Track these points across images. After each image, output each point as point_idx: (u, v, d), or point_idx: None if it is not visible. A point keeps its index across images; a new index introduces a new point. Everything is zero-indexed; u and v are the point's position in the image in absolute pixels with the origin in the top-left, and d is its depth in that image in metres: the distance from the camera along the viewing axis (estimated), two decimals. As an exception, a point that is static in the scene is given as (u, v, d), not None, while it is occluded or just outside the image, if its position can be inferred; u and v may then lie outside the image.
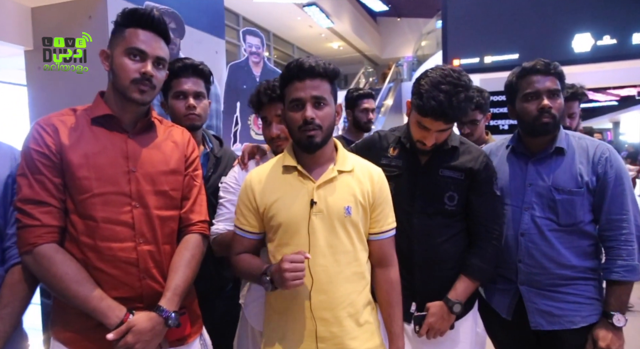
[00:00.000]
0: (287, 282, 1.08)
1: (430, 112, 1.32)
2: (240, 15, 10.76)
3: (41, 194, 1.12)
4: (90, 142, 1.17)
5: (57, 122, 1.17)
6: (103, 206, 1.15)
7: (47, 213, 1.12)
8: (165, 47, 1.24)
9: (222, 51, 3.94)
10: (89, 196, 1.14)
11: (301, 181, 1.23)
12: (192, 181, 1.35)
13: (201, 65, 1.65)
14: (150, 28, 1.19)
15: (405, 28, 16.53)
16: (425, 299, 1.43)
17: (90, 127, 1.19)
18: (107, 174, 1.16)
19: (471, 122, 2.26)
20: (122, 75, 1.17)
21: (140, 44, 1.17)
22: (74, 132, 1.17)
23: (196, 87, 1.61)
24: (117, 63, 1.18)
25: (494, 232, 1.47)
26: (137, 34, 1.18)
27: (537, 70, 1.46)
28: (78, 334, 1.16)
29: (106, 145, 1.19)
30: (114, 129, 1.21)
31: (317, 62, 1.19)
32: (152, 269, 1.21)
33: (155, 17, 1.20)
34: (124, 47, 1.17)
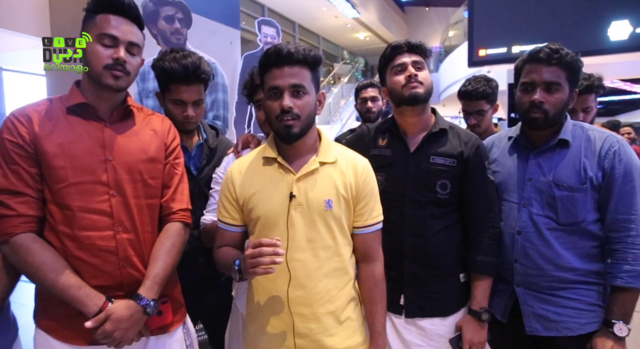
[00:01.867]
0: (249, 269, 1.03)
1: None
2: (265, 6, 10.74)
3: (16, 185, 1.13)
4: (66, 132, 1.17)
5: (32, 112, 1.17)
6: (79, 195, 1.15)
7: (24, 203, 1.13)
8: (138, 32, 1.22)
9: (237, 42, 3.93)
10: (64, 185, 1.14)
11: (281, 173, 1.20)
12: (173, 169, 1.34)
13: (200, 69, 1.55)
14: (121, 13, 1.17)
15: (433, 17, 16.10)
16: (414, 292, 1.39)
17: (65, 116, 1.19)
18: (82, 163, 1.16)
19: (477, 112, 2.15)
20: (94, 62, 1.16)
21: (112, 29, 1.16)
22: (48, 121, 1.17)
23: (196, 95, 1.57)
24: (89, 50, 1.16)
25: (490, 220, 1.40)
26: (109, 20, 1.16)
27: (538, 59, 1.35)
28: (59, 323, 1.18)
29: (82, 134, 1.18)
30: (89, 118, 1.21)
31: (297, 48, 1.14)
32: (132, 257, 1.21)
33: (126, 2, 1.18)
34: (95, 34, 1.16)
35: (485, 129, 2.17)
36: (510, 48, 6.67)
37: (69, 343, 1.17)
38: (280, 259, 1.01)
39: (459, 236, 1.43)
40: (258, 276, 1.20)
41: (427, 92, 1.40)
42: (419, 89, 1.38)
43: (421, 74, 1.39)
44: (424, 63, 1.41)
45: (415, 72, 1.38)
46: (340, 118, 12.74)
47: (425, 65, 1.42)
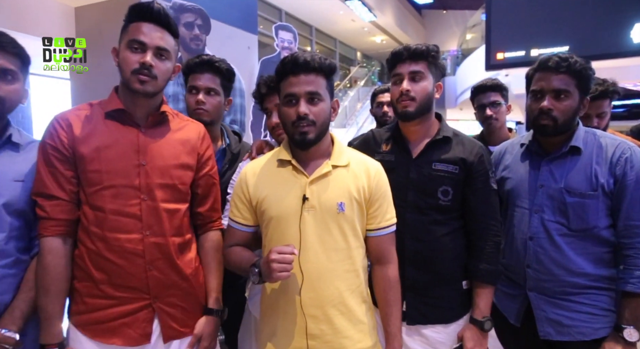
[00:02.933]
0: (274, 273, 1.08)
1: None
2: (282, 10, 10.85)
3: (51, 188, 1.18)
4: (103, 136, 1.21)
5: (72, 117, 1.22)
6: (112, 198, 1.19)
7: (56, 206, 1.18)
8: (169, 38, 1.24)
9: (254, 46, 4.00)
10: (99, 188, 1.19)
11: (295, 176, 1.23)
12: (212, 179, 1.40)
13: (219, 61, 1.66)
14: (151, 20, 1.21)
15: (451, 20, 16.00)
16: (415, 298, 1.39)
17: (104, 121, 1.23)
18: (117, 167, 1.20)
19: (492, 104, 2.16)
20: (124, 67, 1.20)
21: (140, 35, 1.19)
22: (87, 125, 1.21)
23: (209, 83, 1.64)
24: (121, 57, 1.21)
25: (492, 228, 1.40)
26: (139, 27, 1.20)
27: (547, 67, 1.36)
28: (94, 321, 1.22)
29: (118, 139, 1.22)
30: (126, 123, 1.25)
31: (313, 56, 1.18)
32: (159, 261, 1.24)
33: (155, 8, 1.21)
34: (126, 41, 1.21)
35: (501, 125, 2.18)
36: (529, 51, 6.58)
37: (101, 341, 1.21)
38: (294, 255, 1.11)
39: (461, 243, 1.43)
40: None
41: (420, 108, 1.37)
42: (409, 107, 1.37)
43: (416, 87, 1.37)
44: (423, 73, 1.37)
45: (407, 87, 1.37)
46: (356, 121, 12.74)
47: (425, 74, 1.38)
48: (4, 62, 1.19)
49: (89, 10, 3.28)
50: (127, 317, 1.21)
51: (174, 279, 1.28)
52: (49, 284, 1.16)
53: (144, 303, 1.23)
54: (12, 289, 1.19)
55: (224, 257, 1.35)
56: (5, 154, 1.24)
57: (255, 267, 1.17)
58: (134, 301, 1.22)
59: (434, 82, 1.41)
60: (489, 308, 1.39)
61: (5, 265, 1.18)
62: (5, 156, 1.23)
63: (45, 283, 1.16)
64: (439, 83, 1.44)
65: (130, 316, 1.22)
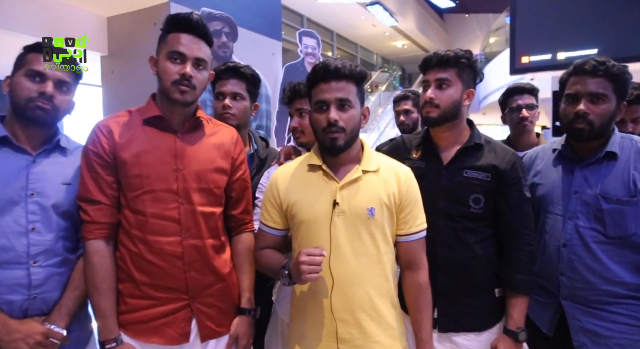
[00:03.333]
0: (304, 275, 1.09)
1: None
2: (304, 16, 10.94)
3: (94, 193, 1.23)
4: (142, 142, 1.26)
5: (113, 124, 1.27)
6: (152, 203, 1.24)
7: (98, 210, 1.24)
8: (206, 48, 1.28)
9: (278, 53, 4.05)
10: (140, 193, 1.24)
11: (325, 181, 1.24)
12: (245, 183, 1.44)
13: (244, 68, 1.71)
14: (190, 31, 1.25)
15: (473, 24, 15.82)
16: (447, 305, 1.38)
17: (142, 127, 1.28)
18: (156, 172, 1.25)
19: (529, 106, 2.16)
20: (164, 78, 1.25)
21: (180, 47, 1.23)
22: (127, 132, 1.26)
23: (235, 88, 1.69)
24: (160, 67, 1.26)
25: (526, 238, 1.37)
26: (178, 38, 1.24)
27: (583, 71, 1.34)
28: (136, 321, 1.26)
29: (156, 144, 1.27)
30: (164, 129, 1.29)
31: (344, 63, 1.19)
32: (196, 262, 1.29)
33: (194, 20, 1.25)
34: (166, 52, 1.25)
35: (532, 129, 2.17)
36: (555, 54, 6.42)
37: (142, 340, 1.25)
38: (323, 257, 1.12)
39: (493, 250, 1.41)
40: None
41: (444, 114, 1.38)
42: (432, 113, 1.38)
43: (441, 95, 1.37)
44: (450, 80, 1.37)
45: (430, 95, 1.38)
46: (377, 126, 12.71)
47: (453, 81, 1.38)
48: (62, 74, 1.27)
49: (120, 19, 3.39)
50: (167, 317, 1.25)
51: (211, 280, 1.32)
52: (99, 282, 1.21)
53: (183, 303, 1.27)
54: (60, 287, 1.25)
55: (255, 260, 1.38)
56: (55, 158, 1.30)
57: (285, 269, 1.19)
58: (173, 301, 1.26)
59: (462, 88, 1.40)
60: (523, 319, 1.36)
61: (54, 264, 1.23)
62: (54, 161, 1.30)
63: (95, 282, 1.21)
64: (470, 90, 1.42)
65: (169, 316, 1.26)
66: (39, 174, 1.25)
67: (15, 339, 1.13)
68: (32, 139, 1.28)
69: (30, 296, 1.19)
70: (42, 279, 1.21)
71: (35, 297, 1.20)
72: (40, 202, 1.23)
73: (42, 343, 1.16)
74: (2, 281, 1.16)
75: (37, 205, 1.22)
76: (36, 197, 1.22)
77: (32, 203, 1.22)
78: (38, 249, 1.21)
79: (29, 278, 1.19)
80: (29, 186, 1.22)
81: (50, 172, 1.27)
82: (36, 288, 1.20)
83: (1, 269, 1.16)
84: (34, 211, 1.22)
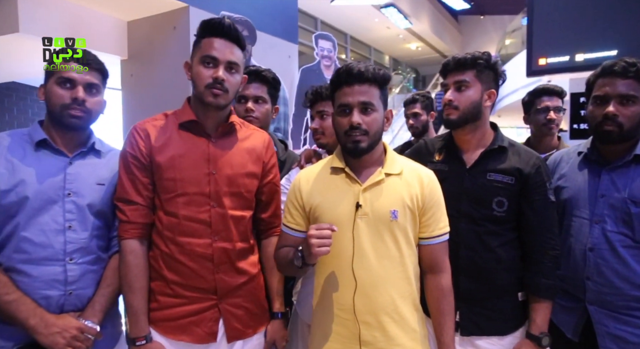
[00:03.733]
0: (313, 249, 1.08)
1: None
2: (318, 19, 10.98)
3: (130, 194, 1.27)
4: (177, 146, 1.29)
5: (150, 127, 1.31)
6: (185, 205, 1.27)
7: (134, 211, 1.27)
8: (238, 52, 1.30)
9: (294, 55, 4.07)
10: (173, 195, 1.27)
11: (348, 183, 1.24)
12: (275, 187, 1.46)
13: (265, 71, 1.73)
14: (222, 35, 1.27)
15: (488, 26, 15.68)
16: (470, 309, 1.37)
17: (178, 131, 1.31)
18: (190, 175, 1.27)
19: (557, 108, 2.14)
20: (198, 82, 1.27)
21: (213, 51, 1.25)
22: (163, 135, 1.29)
23: (257, 91, 1.71)
24: (194, 72, 1.28)
25: (550, 242, 1.36)
26: (211, 43, 1.26)
27: (612, 72, 1.32)
28: (167, 318, 1.28)
29: (190, 148, 1.29)
30: (198, 133, 1.32)
31: (367, 67, 1.19)
32: (225, 264, 1.31)
33: (226, 24, 1.27)
34: (199, 56, 1.27)
35: (556, 132, 2.16)
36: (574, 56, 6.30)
37: (171, 338, 1.28)
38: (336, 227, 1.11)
39: (517, 254, 1.39)
40: (324, 283, 1.26)
41: (464, 116, 1.38)
42: (452, 115, 1.39)
43: (460, 97, 1.38)
44: (469, 82, 1.37)
45: (449, 97, 1.38)
46: (391, 129, 12.65)
47: (472, 83, 1.38)
48: (90, 77, 1.31)
49: (140, 24, 3.45)
50: (195, 316, 1.28)
51: (239, 282, 1.34)
52: (133, 281, 1.25)
53: (211, 303, 1.30)
54: (93, 284, 1.29)
55: (275, 258, 1.38)
56: (90, 160, 1.35)
57: (299, 250, 1.18)
58: (201, 301, 1.29)
59: (482, 89, 1.39)
60: (546, 324, 1.35)
61: (88, 261, 1.28)
62: (89, 162, 1.35)
63: (129, 280, 1.25)
64: (492, 90, 1.41)
65: (198, 315, 1.28)
66: (75, 174, 1.29)
67: (53, 333, 1.17)
68: (69, 142, 1.33)
69: (66, 292, 1.23)
70: (78, 276, 1.25)
71: (70, 293, 1.24)
72: (77, 201, 1.27)
73: (77, 337, 1.20)
74: (40, 277, 1.20)
75: (73, 204, 1.27)
76: (73, 197, 1.27)
77: (69, 202, 1.26)
78: (74, 246, 1.25)
79: (65, 274, 1.23)
80: (66, 186, 1.27)
81: (85, 173, 1.32)
82: (72, 284, 1.24)
83: (39, 266, 1.21)
84: (71, 210, 1.26)
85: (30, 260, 1.20)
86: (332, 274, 1.24)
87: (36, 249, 1.20)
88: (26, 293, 1.18)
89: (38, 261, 1.21)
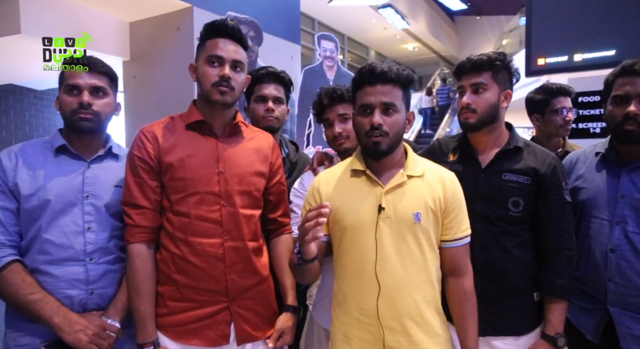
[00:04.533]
0: (305, 238, 1.05)
1: None
2: (315, 20, 10.97)
3: (137, 197, 1.27)
4: (186, 146, 1.29)
5: (157, 129, 1.31)
6: (195, 205, 1.27)
7: (141, 215, 1.27)
8: (242, 51, 1.32)
9: (297, 56, 4.07)
10: (184, 195, 1.27)
11: (369, 186, 1.22)
12: (282, 187, 1.45)
13: (282, 72, 1.75)
14: (226, 35, 1.28)
15: (485, 26, 15.74)
16: (485, 309, 1.35)
17: (185, 132, 1.31)
18: (200, 175, 1.27)
19: (572, 110, 2.11)
20: (204, 81, 1.28)
21: (218, 50, 1.27)
22: (171, 137, 1.30)
23: (276, 92, 1.71)
24: (200, 72, 1.29)
25: (565, 242, 1.35)
26: (216, 43, 1.28)
27: (632, 71, 1.32)
28: (176, 323, 1.27)
29: (199, 148, 1.30)
30: (206, 133, 1.32)
31: (390, 67, 1.17)
32: (237, 264, 1.30)
33: (229, 25, 1.28)
34: (205, 57, 1.28)
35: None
36: (572, 56, 6.34)
37: (182, 343, 1.26)
38: (326, 209, 1.02)
39: (532, 254, 1.39)
40: (345, 288, 1.24)
41: (482, 119, 1.37)
42: (470, 119, 1.38)
43: (478, 100, 1.36)
44: (486, 84, 1.36)
45: (467, 101, 1.37)
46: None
47: (489, 85, 1.37)
48: (95, 81, 1.33)
49: (143, 24, 3.42)
50: (207, 319, 1.27)
51: (250, 283, 1.33)
52: (140, 285, 1.25)
53: (222, 306, 1.29)
54: (114, 284, 1.32)
55: (289, 263, 1.35)
56: (107, 163, 1.39)
57: (296, 248, 1.15)
58: (213, 303, 1.28)
59: (499, 91, 1.38)
60: (562, 324, 1.34)
61: (108, 261, 1.31)
62: (106, 165, 1.39)
63: (135, 284, 1.25)
64: (508, 91, 1.40)
65: (209, 318, 1.27)
66: (93, 178, 1.33)
67: (76, 331, 1.20)
68: (87, 147, 1.37)
69: (88, 291, 1.27)
70: (98, 276, 1.28)
71: (92, 292, 1.28)
72: (95, 203, 1.31)
73: (100, 335, 1.23)
74: (63, 277, 1.24)
75: (92, 206, 1.30)
76: (91, 199, 1.31)
77: (88, 205, 1.30)
78: (93, 247, 1.28)
79: (87, 274, 1.27)
80: (85, 188, 1.31)
81: (102, 176, 1.35)
82: (93, 284, 1.27)
83: (62, 266, 1.25)
84: (89, 212, 1.30)
85: (52, 261, 1.24)
86: (354, 279, 1.22)
87: (58, 251, 1.24)
88: (50, 292, 1.22)
89: (60, 261, 1.24)
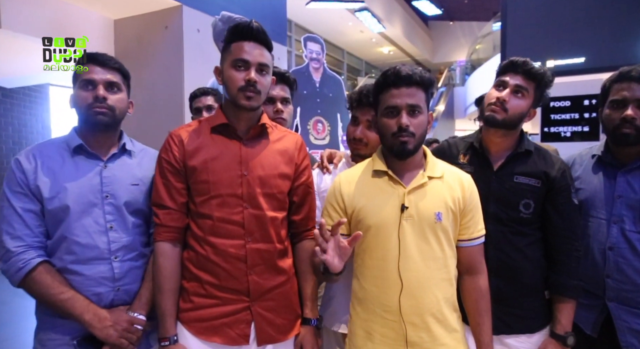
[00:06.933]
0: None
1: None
2: (292, 21, 10.96)
3: (164, 199, 1.31)
4: (210, 149, 1.31)
5: (183, 132, 1.33)
6: (219, 207, 1.28)
7: (167, 215, 1.30)
8: (267, 53, 1.31)
9: (283, 57, 4.06)
10: (207, 197, 1.28)
11: (392, 186, 1.25)
12: (308, 189, 1.44)
13: (287, 73, 1.76)
14: (251, 38, 1.28)
15: (458, 32, 16.17)
16: (499, 308, 1.39)
17: (210, 135, 1.33)
18: (222, 177, 1.28)
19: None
20: (230, 85, 1.28)
21: (244, 54, 1.26)
22: (196, 140, 1.32)
23: (283, 93, 1.72)
24: (226, 75, 1.29)
25: (573, 244, 1.41)
26: (241, 46, 1.27)
27: (630, 77, 1.40)
28: (199, 319, 1.29)
29: (223, 151, 1.31)
30: (230, 136, 1.33)
31: (414, 70, 1.21)
32: (259, 266, 1.31)
33: (254, 27, 1.28)
34: (230, 60, 1.28)
35: None
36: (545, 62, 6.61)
37: (203, 338, 1.28)
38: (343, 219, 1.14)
39: (542, 253, 1.44)
40: (366, 285, 1.26)
41: (509, 120, 1.39)
42: (499, 115, 1.39)
43: (514, 102, 1.39)
44: (528, 92, 1.39)
45: (505, 97, 1.38)
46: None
47: (529, 93, 1.40)
48: (110, 76, 1.34)
49: (128, 22, 3.34)
50: (228, 317, 1.28)
51: (272, 284, 1.33)
52: (162, 282, 1.28)
53: (244, 305, 1.30)
54: (138, 280, 1.36)
55: (311, 263, 1.38)
56: (122, 161, 1.40)
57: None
58: (234, 302, 1.29)
59: (532, 105, 1.43)
60: (571, 323, 1.40)
61: (132, 258, 1.35)
62: (122, 163, 1.40)
63: (159, 282, 1.28)
64: (535, 110, 1.45)
65: (230, 316, 1.28)
66: (110, 177, 1.35)
67: (106, 327, 1.25)
68: (102, 144, 1.37)
69: (114, 288, 1.31)
70: (124, 273, 1.32)
71: (118, 289, 1.32)
72: (114, 203, 1.33)
73: (128, 329, 1.27)
74: (90, 276, 1.28)
75: (112, 206, 1.33)
76: (110, 199, 1.33)
77: (108, 204, 1.32)
78: (117, 245, 1.32)
79: (112, 272, 1.30)
80: (103, 189, 1.33)
81: (119, 175, 1.37)
82: (119, 281, 1.31)
83: (88, 265, 1.28)
84: (110, 212, 1.32)
85: (79, 260, 1.27)
86: (376, 276, 1.24)
87: (84, 250, 1.27)
88: (79, 290, 1.26)
89: (86, 260, 1.28)
